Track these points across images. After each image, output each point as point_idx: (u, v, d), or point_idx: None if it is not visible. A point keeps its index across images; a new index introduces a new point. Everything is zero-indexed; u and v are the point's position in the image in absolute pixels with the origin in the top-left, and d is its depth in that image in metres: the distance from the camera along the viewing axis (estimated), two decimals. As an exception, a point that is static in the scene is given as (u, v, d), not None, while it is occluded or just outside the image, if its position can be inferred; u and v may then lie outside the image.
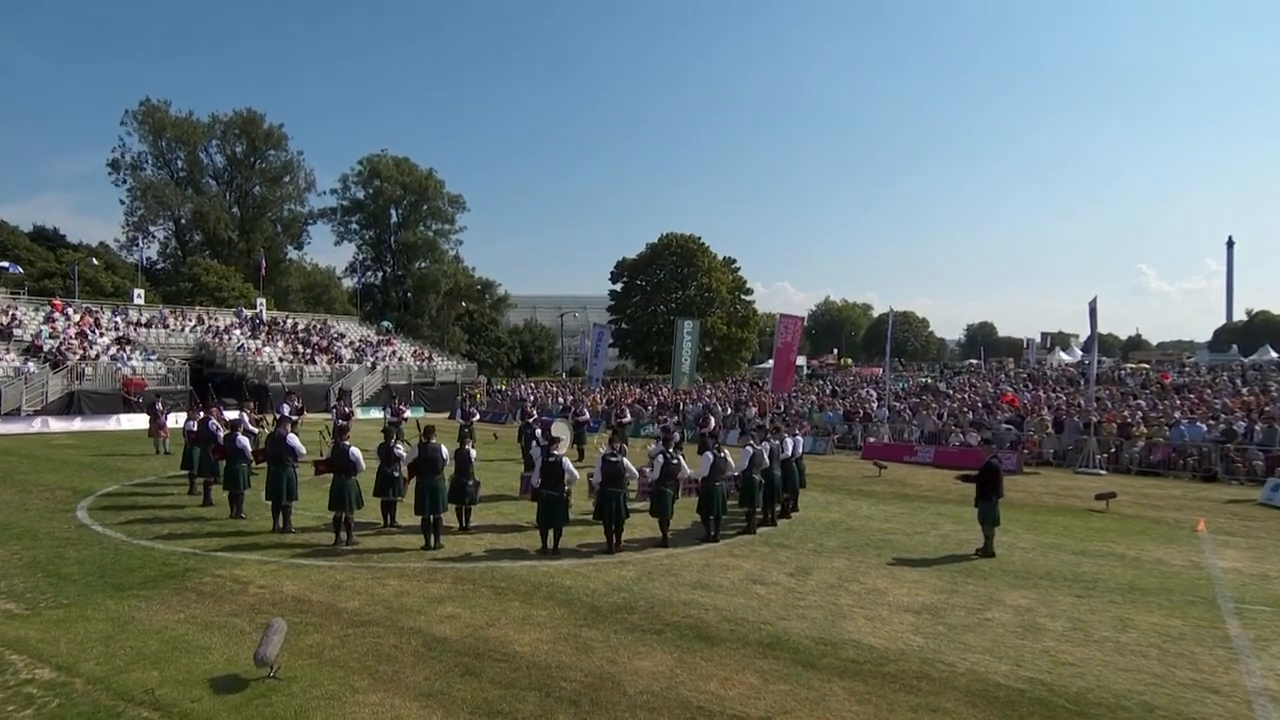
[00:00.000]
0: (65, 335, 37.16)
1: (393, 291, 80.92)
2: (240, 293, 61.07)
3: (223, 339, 45.74)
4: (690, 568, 10.89)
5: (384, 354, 52.53)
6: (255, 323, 51.27)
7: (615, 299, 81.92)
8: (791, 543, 12.58)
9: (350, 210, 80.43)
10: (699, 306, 75.33)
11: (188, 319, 47.95)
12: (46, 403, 31.34)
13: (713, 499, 12.35)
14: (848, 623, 8.65)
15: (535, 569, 10.63)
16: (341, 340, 53.39)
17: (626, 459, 11.99)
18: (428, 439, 11.99)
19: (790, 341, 33.76)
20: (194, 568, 10.33)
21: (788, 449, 14.62)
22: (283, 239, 77.06)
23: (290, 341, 49.62)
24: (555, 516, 11.54)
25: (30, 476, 17.79)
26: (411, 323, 75.20)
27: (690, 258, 77.89)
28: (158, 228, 70.90)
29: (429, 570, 10.47)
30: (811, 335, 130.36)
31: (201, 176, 71.31)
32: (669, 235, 79.45)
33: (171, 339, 43.90)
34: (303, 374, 44.42)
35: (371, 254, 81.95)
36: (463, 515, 13.10)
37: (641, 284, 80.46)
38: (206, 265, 62.33)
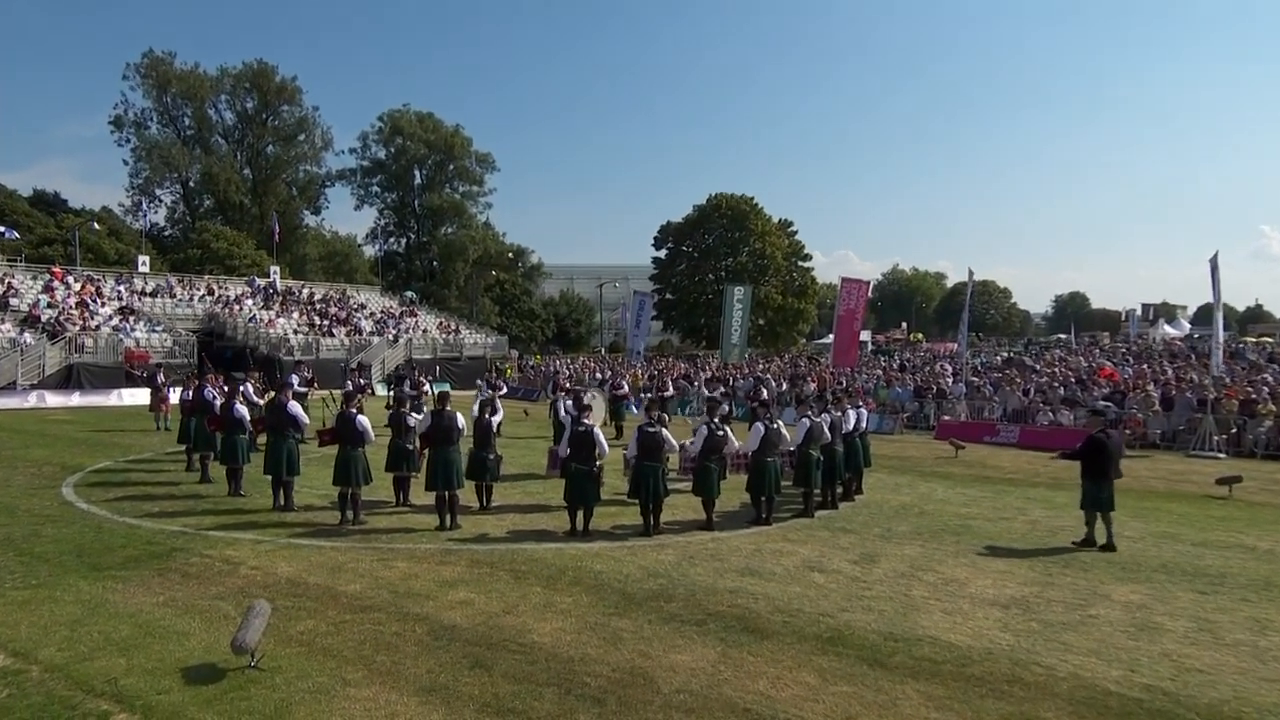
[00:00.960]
0: (65, 305, 37.90)
1: (417, 259, 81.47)
2: (253, 261, 61.90)
3: (233, 310, 46.35)
4: (738, 553, 10.46)
5: (407, 326, 52.80)
6: (268, 293, 51.85)
7: (659, 267, 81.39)
8: (855, 527, 12.10)
9: (370, 171, 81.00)
10: (751, 274, 74.42)
11: (196, 288, 48.68)
12: (43, 376, 31.99)
13: (764, 477, 11.89)
14: (922, 616, 8.11)
15: (561, 552, 10.32)
16: (362, 311, 53.81)
17: (666, 430, 11.53)
18: (441, 406, 11.68)
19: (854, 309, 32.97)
20: (181, 547, 10.18)
21: (849, 422, 14.03)
22: (298, 203, 77.93)
23: (306, 313, 50.10)
24: (585, 493, 11.20)
25: (18, 452, 18.02)
26: (437, 293, 75.67)
27: (742, 220, 76.88)
28: (164, 191, 72.29)
29: (441, 552, 10.21)
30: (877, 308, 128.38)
31: (210, 135, 72.27)
32: (718, 196, 78.54)
33: (178, 309, 44.59)
34: (319, 347, 44.80)
35: (394, 219, 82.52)
36: (482, 493, 12.87)
37: (688, 250, 79.78)
38: (216, 231, 63.28)
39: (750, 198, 78.21)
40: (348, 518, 11.62)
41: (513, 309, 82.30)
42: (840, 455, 13.32)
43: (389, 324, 52.31)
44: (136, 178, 68.96)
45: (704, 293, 75.95)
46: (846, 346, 33.39)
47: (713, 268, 76.57)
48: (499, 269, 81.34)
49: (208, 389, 14.97)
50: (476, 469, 12.52)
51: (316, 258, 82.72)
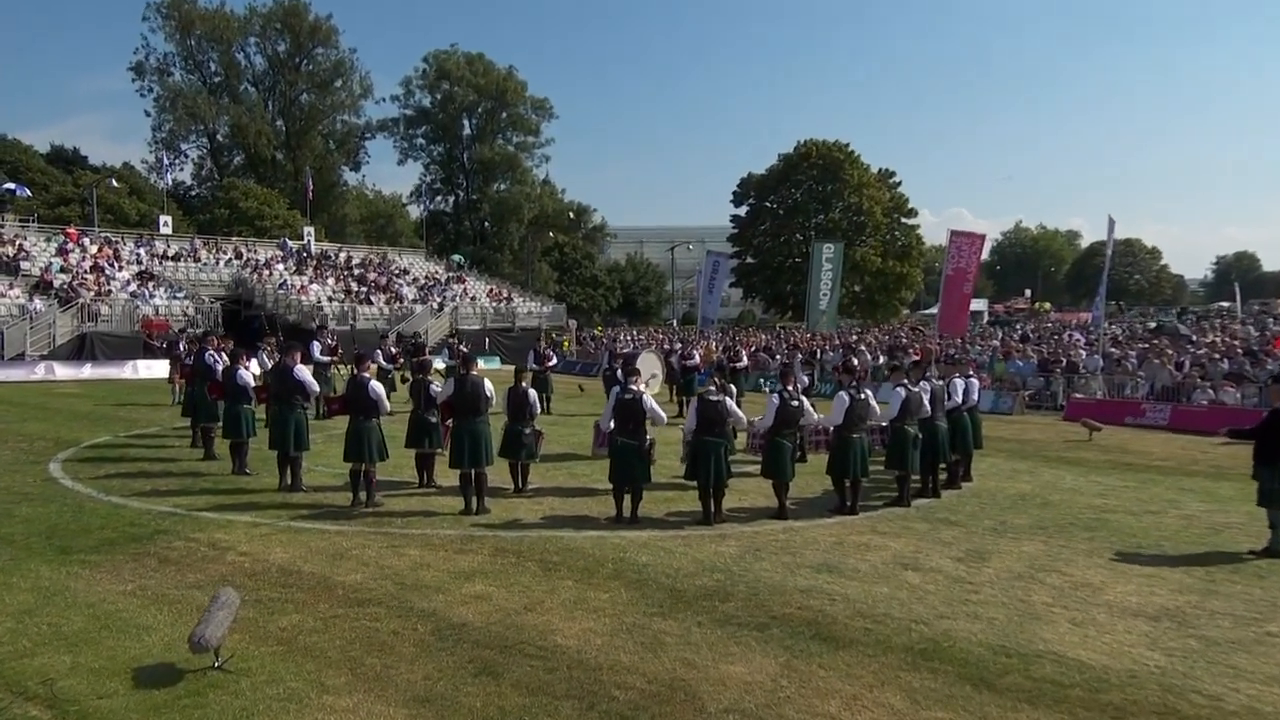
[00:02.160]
0: (79, 269, 38.94)
1: (466, 220, 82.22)
2: (285, 221, 63.11)
3: (262, 275, 47.09)
4: (814, 546, 9.89)
5: (454, 294, 53.03)
6: (301, 256, 52.63)
7: (739, 227, 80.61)
8: (961, 519, 11.43)
9: (414, 121, 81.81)
10: (846, 233, 72.92)
11: (223, 251, 49.69)
12: (54, 346, 32.91)
13: (848, 456, 11.28)
14: (1043, 627, 7.38)
15: (602, 541, 9.91)
16: (404, 277, 54.30)
17: (731, 401, 10.95)
18: (465, 370, 11.30)
19: (964, 268, 31.74)
20: (166, 529, 10.04)
21: (956, 394, 13.31)
22: (335, 158, 79.26)
23: (342, 278, 50.71)
24: (632, 472, 10.78)
25: (11, 426, 18.39)
26: (489, 258, 76.25)
27: (835, 171, 75.39)
28: (190, 145, 74.17)
29: (463, 539, 9.91)
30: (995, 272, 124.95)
31: (238, 82, 73.79)
32: (807, 143, 77.09)
33: (202, 274, 45.54)
34: (355, 316, 45.26)
35: (440, 174, 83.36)
36: (517, 473, 12.58)
37: (771, 206, 78.72)
38: (245, 189, 64.58)
39: (845, 144, 76.59)
40: (360, 499, 11.40)
41: (573, 275, 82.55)
42: (944, 433, 12.71)
43: (434, 291, 52.62)
44: (159, 131, 71.00)
45: (789, 255, 74.76)
46: (956, 312, 32.21)
47: (800, 226, 75.27)
48: (557, 230, 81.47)
49: (209, 352, 14.88)
50: (511, 445, 12.24)
51: (357, 219, 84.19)
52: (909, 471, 11.97)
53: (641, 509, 11.05)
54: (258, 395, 13.28)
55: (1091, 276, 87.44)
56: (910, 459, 11.85)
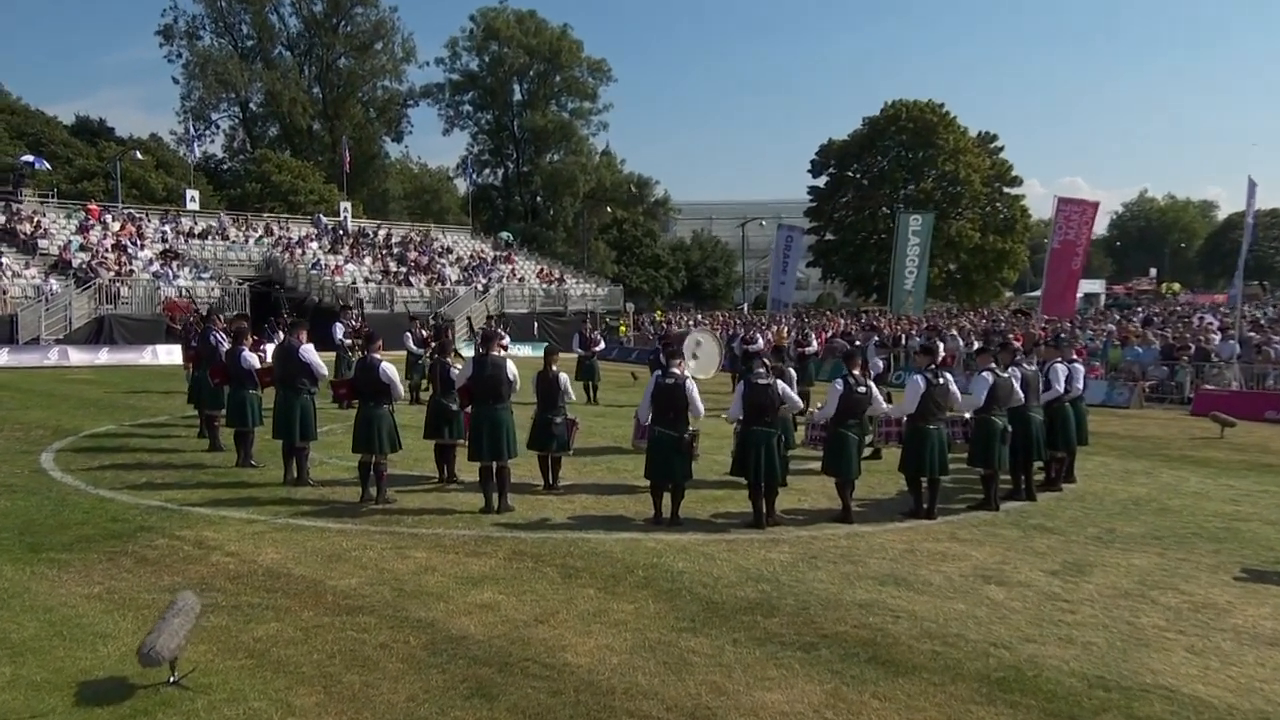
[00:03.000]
0: (100, 248, 39.72)
1: (516, 194, 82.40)
2: (320, 197, 63.93)
3: (294, 254, 47.65)
4: (881, 553, 9.43)
5: (500, 274, 53.17)
6: (337, 234, 53.17)
7: (817, 199, 79.46)
8: (1059, 526, 10.86)
9: (461, 87, 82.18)
10: (939, 205, 71.37)
11: (253, 228, 50.51)
12: (70, 329, 33.61)
13: (924, 451, 10.77)
14: (1152, 656, 6.83)
15: (635, 544, 9.59)
16: (447, 256, 54.60)
17: (785, 384, 10.49)
18: (485, 350, 11.02)
19: (1073, 241, 30.56)
20: (151, 526, 9.94)
21: (1057, 380, 12.70)
22: (376, 127, 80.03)
23: (380, 258, 51.12)
24: (670, 467, 10.43)
25: (11, 413, 18.70)
26: (541, 235, 76.44)
27: (927, 135, 73.85)
28: (221, 115, 75.47)
29: (477, 540, 9.67)
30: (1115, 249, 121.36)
31: (272, 46, 74.85)
32: (896, 104, 75.62)
33: (231, 253, 46.32)
34: (393, 298, 45.60)
35: (489, 144, 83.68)
36: (548, 468, 12.32)
37: (854, 176, 77.53)
38: (279, 161, 65.46)
39: (939, 105, 74.90)
40: (370, 494, 11.25)
41: (632, 255, 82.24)
42: (1039, 425, 12.13)
43: (479, 271, 52.81)
44: (188, 100, 72.36)
45: (874, 231, 73.46)
46: (1062, 290, 31.02)
47: (887, 198, 73.95)
48: (616, 205, 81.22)
49: (214, 333, 14.85)
50: (540, 437, 12.00)
51: (400, 195, 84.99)
52: (996, 469, 11.43)
53: (684, 509, 10.71)
54: (260, 379, 13.13)
55: (1229, 253, 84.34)
56: (998, 455, 11.28)
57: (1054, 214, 30.68)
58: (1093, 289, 78.17)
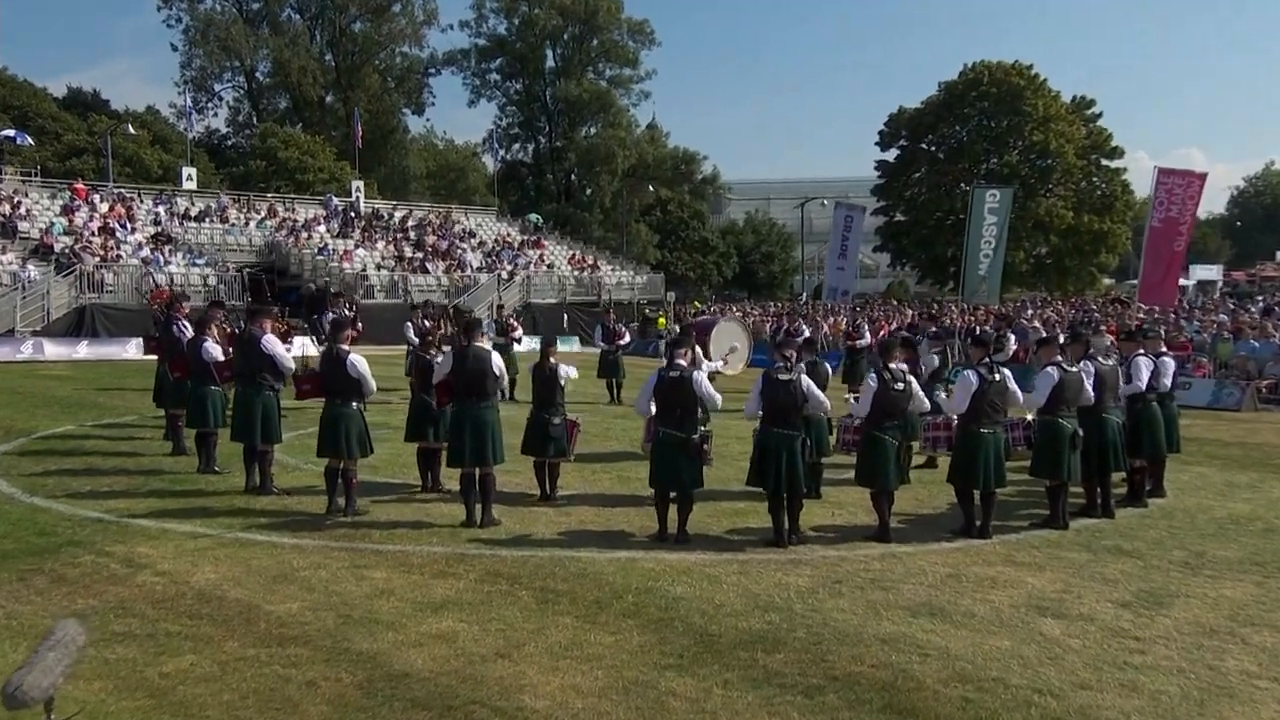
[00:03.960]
0: (85, 231, 40.08)
1: (549, 172, 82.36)
2: (331, 175, 64.26)
3: (299, 238, 47.83)
4: (919, 578, 9.01)
5: (527, 261, 53.05)
6: (348, 216, 53.35)
7: (886, 175, 78.49)
8: (1139, 547, 10.34)
9: (488, 53, 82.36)
10: (1026, 180, 70.21)
11: (255, 210, 50.83)
12: (48, 320, 33.88)
13: (976, 459, 10.31)
14: (1236, 709, 6.35)
15: (631, 565, 9.26)
16: (469, 241, 54.57)
17: (809, 380, 10.12)
18: (466, 340, 10.79)
19: (1175, 218, 29.65)
20: (82, 540, 9.77)
21: (1139, 376, 12.18)
22: (394, 99, 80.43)
23: (394, 242, 51.19)
24: (677, 474, 10.11)
25: (-37, 412, 18.66)
26: (575, 217, 76.32)
27: (1013, 101, 72.54)
28: (224, 86, 76.15)
29: (450, 559, 9.39)
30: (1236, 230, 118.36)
31: (280, 9, 75.53)
32: (978, 66, 74.37)
33: (230, 237, 46.65)
34: (407, 286, 45.56)
35: (518, 116, 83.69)
36: (544, 475, 12.08)
37: (928, 149, 76.54)
38: (285, 136, 65.87)
39: (1027, 67, 73.50)
40: (337, 504, 11.03)
41: (678, 239, 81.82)
42: (1117, 429, 11.60)
43: (504, 257, 52.71)
44: (188, 69, 73.13)
45: (951, 210, 72.24)
46: (1163, 275, 30.07)
47: (965, 173, 72.71)
48: (659, 184, 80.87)
49: (178, 323, 14.69)
50: (536, 440, 11.76)
51: (422, 174, 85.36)
52: (1065, 481, 10.94)
53: (697, 524, 10.46)
54: (219, 373, 12.92)
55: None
56: (1066, 463, 10.79)
57: (1153, 187, 29.77)
58: (1208, 275, 76.45)
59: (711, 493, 12.01)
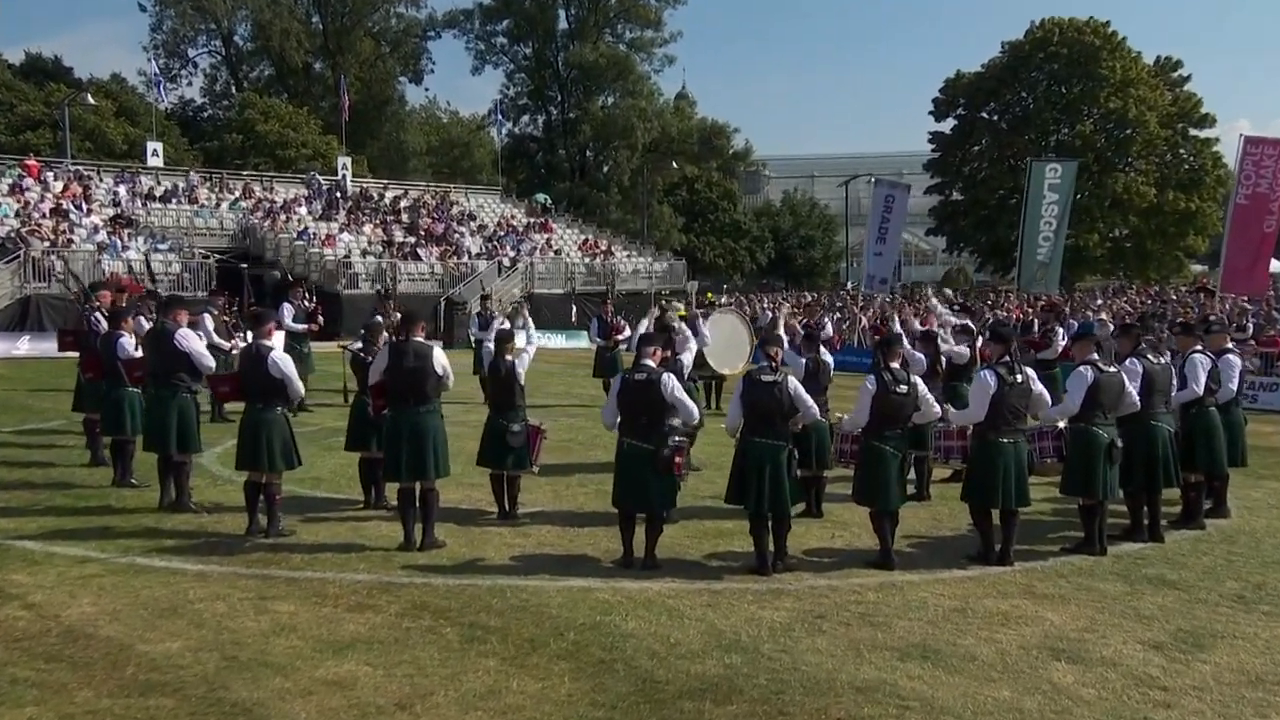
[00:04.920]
0: (36, 213, 40.14)
1: (561, 146, 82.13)
2: (317, 150, 64.26)
3: (277, 221, 47.76)
4: (918, 613, 8.68)
5: (532, 246, 52.82)
6: (332, 196, 53.32)
7: (941, 148, 77.89)
8: (1186, 577, 9.93)
9: (494, 13, 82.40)
10: (1102, 153, 69.42)
11: (229, 190, 50.89)
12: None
13: (994, 474, 9.98)
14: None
15: (584, 595, 9.00)
16: (468, 224, 54.46)
17: (796, 383, 9.86)
18: (403, 335, 10.59)
19: (1266, 194, 29.01)
20: (-48, 565, 9.48)
21: (1195, 378, 11.80)
22: (389, 65, 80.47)
23: (384, 225, 51.09)
24: (644, 493, 9.81)
25: None
26: (591, 198, 76.09)
27: (1086, 63, 71.91)
28: (199, 51, 76.39)
29: (374, 588, 9.15)
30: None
31: (261, -35, 75.35)
32: (1047, 23, 73.68)
33: (199, 219, 46.73)
34: (397, 274, 45.32)
35: (527, 85, 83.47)
36: (503, 490, 11.92)
37: (989, 118, 76.01)
38: (266, 106, 65.91)
39: (1103, 23, 72.71)
40: (259, 523, 10.83)
41: (706, 221, 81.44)
42: (1170, 438, 11.22)
43: (507, 242, 52.50)
44: (159, 31, 73.41)
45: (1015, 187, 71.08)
46: (1251, 260, 29.43)
47: (1031, 145, 71.91)
48: (684, 159, 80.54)
49: (94, 314, 14.49)
50: (492, 449, 11.67)
51: (422, 149, 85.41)
52: (1101, 499, 10.55)
53: (675, 545, 10.40)
54: (129, 372, 12.66)
55: None
56: (1102, 479, 10.42)
57: (1238, 159, 29.12)
58: (1306, 259, 75.46)
59: (694, 510, 11.89)
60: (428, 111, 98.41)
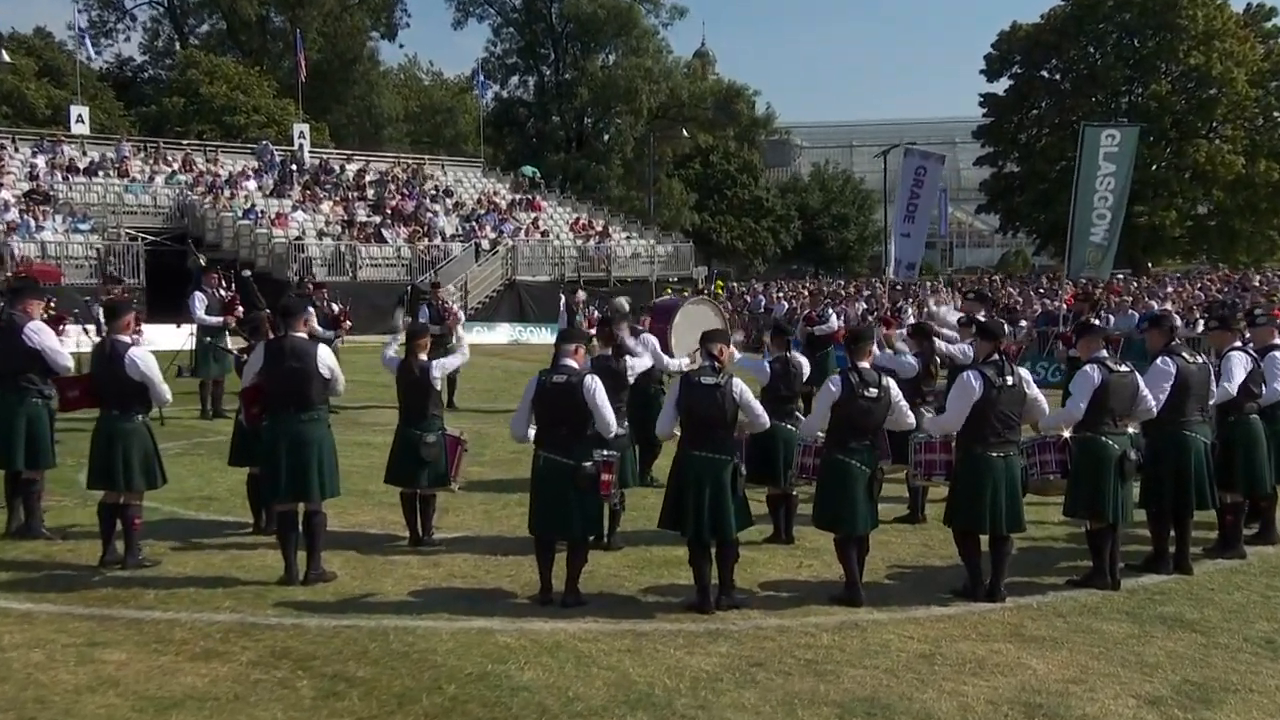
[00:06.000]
0: (-65, 189, 40.15)
1: (554, 112, 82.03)
2: (271, 117, 64.22)
3: (220, 197, 47.60)
4: (876, 659, 8.47)
5: (516, 227, 52.63)
6: (286, 169, 53.22)
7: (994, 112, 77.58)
8: (1207, 617, 9.68)
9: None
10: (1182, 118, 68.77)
11: (167, 161, 50.73)
12: None
13: (981, 494, 9.82)
14: None
15: (483, 638, 8.83)
16: (444, 200, 54.36)
17: (740, 386, 9.73)
18: (285, 329, 10.45)
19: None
20: None
21: (1231, 379, 11.51)
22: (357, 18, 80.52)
23: (346, 202, 50.94)
24: (564, 517, 9.68)
25: None
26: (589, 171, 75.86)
27: (1163, 13, 71.66)
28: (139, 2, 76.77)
29: (232, 631, 8.93)
30: None
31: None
32: (1117, -33, 73.40)
33: (129, 196, 46.61)
34: (357, 259, 45.13)
35: (516, 41, 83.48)
36: (415, 512, 11.78)
37: (1050, 77, 75.68)
38: (211, 66, 65.85)
39: (1182, -36, 72.36)
40: (114, 552, 10.66)
41: (722, 198, 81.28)
42: (1204, 451, 11.02)
43: (487, 221, 52.34)
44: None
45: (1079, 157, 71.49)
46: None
47: (1098, 107, 71.72)
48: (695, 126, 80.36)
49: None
50: (403, 464, 11.56)
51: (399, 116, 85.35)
52: (1111, 522, 10.30)
53: (607, 577, 10.43)
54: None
55: None
56: (1110, 499, 10.19)
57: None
58: None
59: (644, 535, 11.69)
60: (406, 73, 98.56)
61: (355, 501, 13.26)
